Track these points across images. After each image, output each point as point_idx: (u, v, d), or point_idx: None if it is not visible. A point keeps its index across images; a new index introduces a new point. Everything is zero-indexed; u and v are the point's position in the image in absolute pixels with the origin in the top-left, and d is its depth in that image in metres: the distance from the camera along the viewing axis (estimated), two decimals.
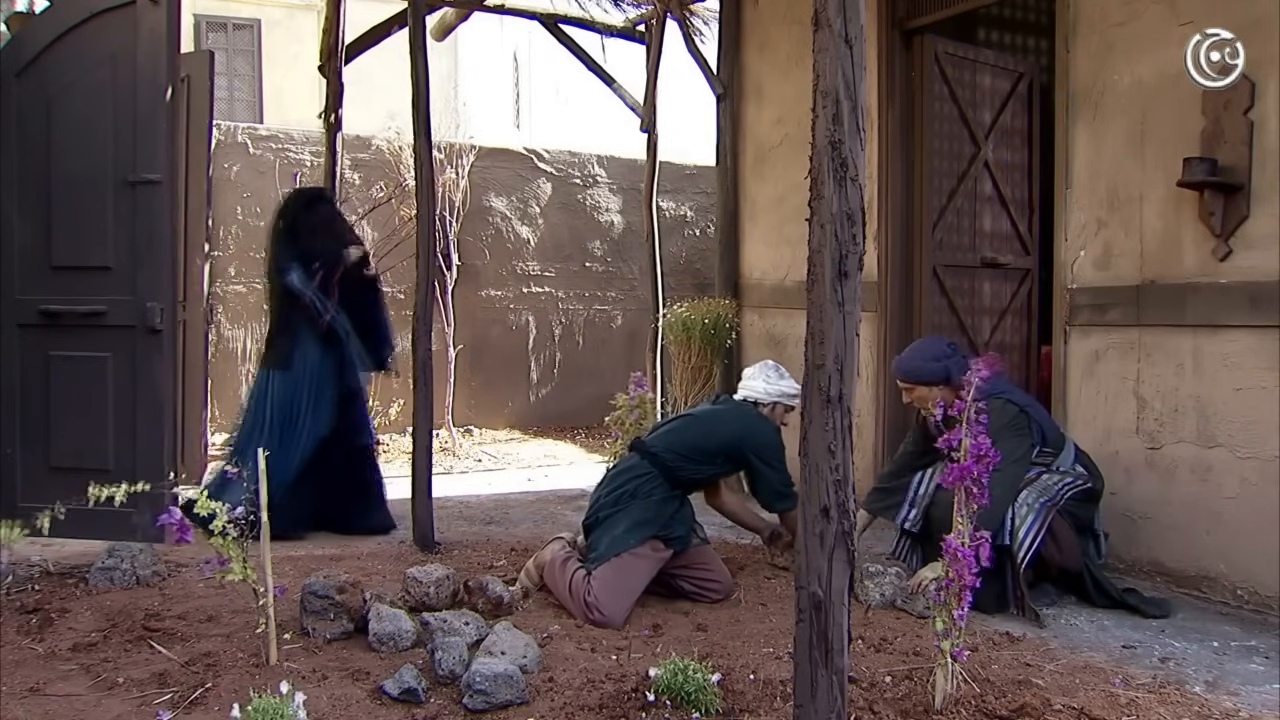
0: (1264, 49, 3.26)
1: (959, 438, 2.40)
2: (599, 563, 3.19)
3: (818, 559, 1.93)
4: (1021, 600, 3.26)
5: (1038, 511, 3.25)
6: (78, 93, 3.70)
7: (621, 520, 3.27)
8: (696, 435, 3.51)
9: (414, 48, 4.19)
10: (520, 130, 13.30)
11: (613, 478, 3.47)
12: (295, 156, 7.10)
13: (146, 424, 3.64)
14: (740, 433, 3.52)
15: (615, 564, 3.18)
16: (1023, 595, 3.25)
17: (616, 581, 3.15)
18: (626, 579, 3.18)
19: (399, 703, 2.44)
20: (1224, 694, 2.61)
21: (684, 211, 8.49)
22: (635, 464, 3.44)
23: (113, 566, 3.44)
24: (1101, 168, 3.84)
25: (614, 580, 3.15)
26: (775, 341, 5.60)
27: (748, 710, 2.42)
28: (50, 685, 2.56)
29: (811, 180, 1.95)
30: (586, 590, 3.12)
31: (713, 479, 3.68)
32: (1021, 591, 3.25)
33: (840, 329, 1.93)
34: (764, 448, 3.50)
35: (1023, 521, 3.24)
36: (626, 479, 3.39)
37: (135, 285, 3.64)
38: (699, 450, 3.46)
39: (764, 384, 3.64)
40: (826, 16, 1.92)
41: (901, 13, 4.83)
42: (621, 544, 3.21)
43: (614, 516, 3.29)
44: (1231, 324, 3.40)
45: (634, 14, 6.49)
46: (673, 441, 3.47)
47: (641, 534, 3.23)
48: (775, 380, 3.64)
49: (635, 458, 3.48)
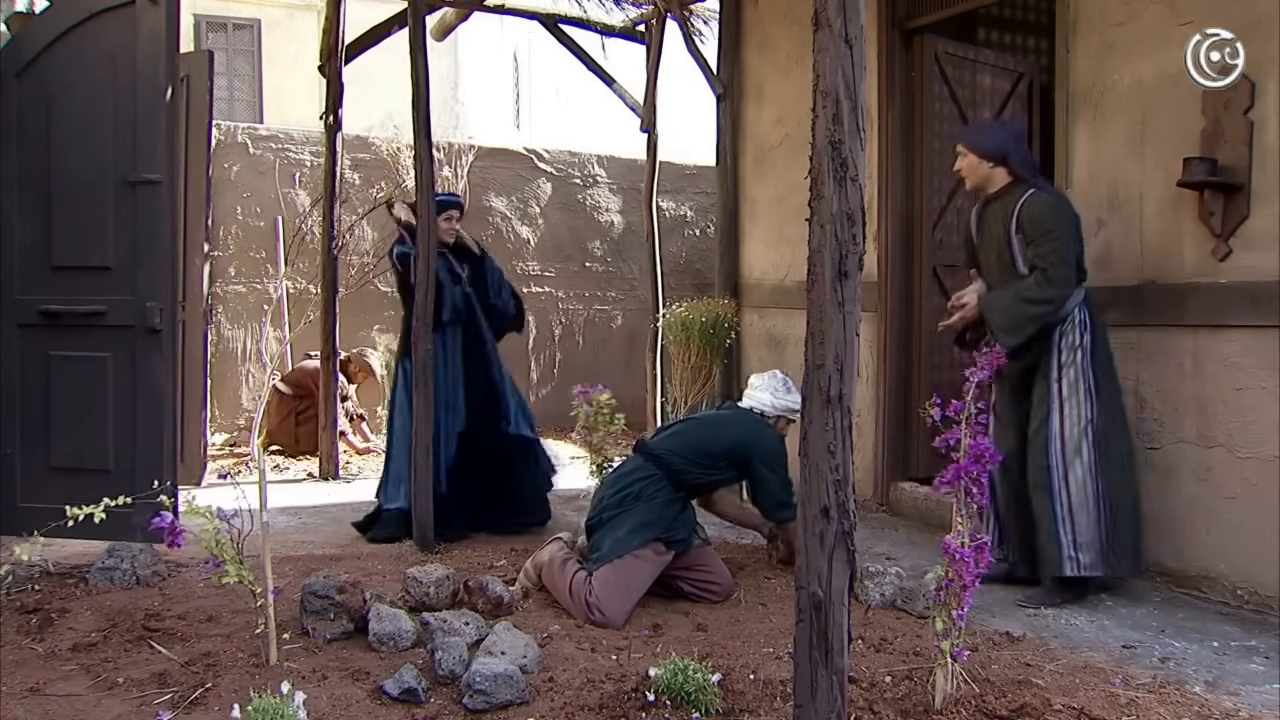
0: (1264, 49, 3.26)
1: (957, 437, 2.40)
2: (601, 563, 3.19)
3: (818, 559, 1.93)
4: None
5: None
6: (77, 93, 3.70)
7: (625, 521, 3.27)
8: (701, 439, 3.52)
9: (414, 48, 4.19)
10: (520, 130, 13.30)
11: (616, 479, 3.47)
12: (295, 156, 7.11)
13: (146, 424, 3.64)
14: (746, 438, 3.52)
15: (618, 565, 3.18)
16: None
17: (619, 582, 3.16)
18: (628, 580, 3.18)
19: (399, 703, 2.44)
20: (1224, 694, 2.61)
21: (684, 211, 8.49)
22: (639, 466, 3.44)
23: (113, 566, 3.44)
24: (1101, 167, 3.84)
25: (616, 581, 3.15)
26: (775, 341, 5.60)
27: (748, 710, 2.42)
28: (50, 685, 2.56)
29: (811, 180, 1.95)
30: (588, 591, 3.12)
31: (716, 484, 3.67)
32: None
33: (840, 329, 1.93)
34: (769, 454, 3.50)
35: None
36: (630, 481, 3.39)
37: (135, 285, 3.64)
38: (704, 454, 3.46)
39: (770, 396, 3.64)
40: (826, 16, 1.92)
41: (901, 13, 4.83)
42: (625, 545, 3.21)
43: (618, 518, 3.29)
44: (1231, 324, 3.40)
45: (634, 14, 6.49)
46: (678, 445, 3.48)
47: (645, 536, 3.24)
48: (783, 394, 3.64)
49: (639, 459, 3.48)
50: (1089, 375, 3.38)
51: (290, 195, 7.00)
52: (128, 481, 3.44)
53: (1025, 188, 3.43)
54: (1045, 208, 3.37)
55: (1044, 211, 3.36)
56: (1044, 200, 3.39)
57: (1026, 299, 3.33)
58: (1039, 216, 3.36)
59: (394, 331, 7.20)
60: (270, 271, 6.95)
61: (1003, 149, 3.47)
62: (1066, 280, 3.32)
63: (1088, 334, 3.41)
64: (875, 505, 4.89)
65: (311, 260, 6.58)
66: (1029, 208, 3.38)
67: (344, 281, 6.21)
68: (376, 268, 6.95)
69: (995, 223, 3.51)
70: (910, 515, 4.73)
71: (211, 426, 6.53)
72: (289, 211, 6.96)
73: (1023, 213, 3.39)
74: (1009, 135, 3.59)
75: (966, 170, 3.56)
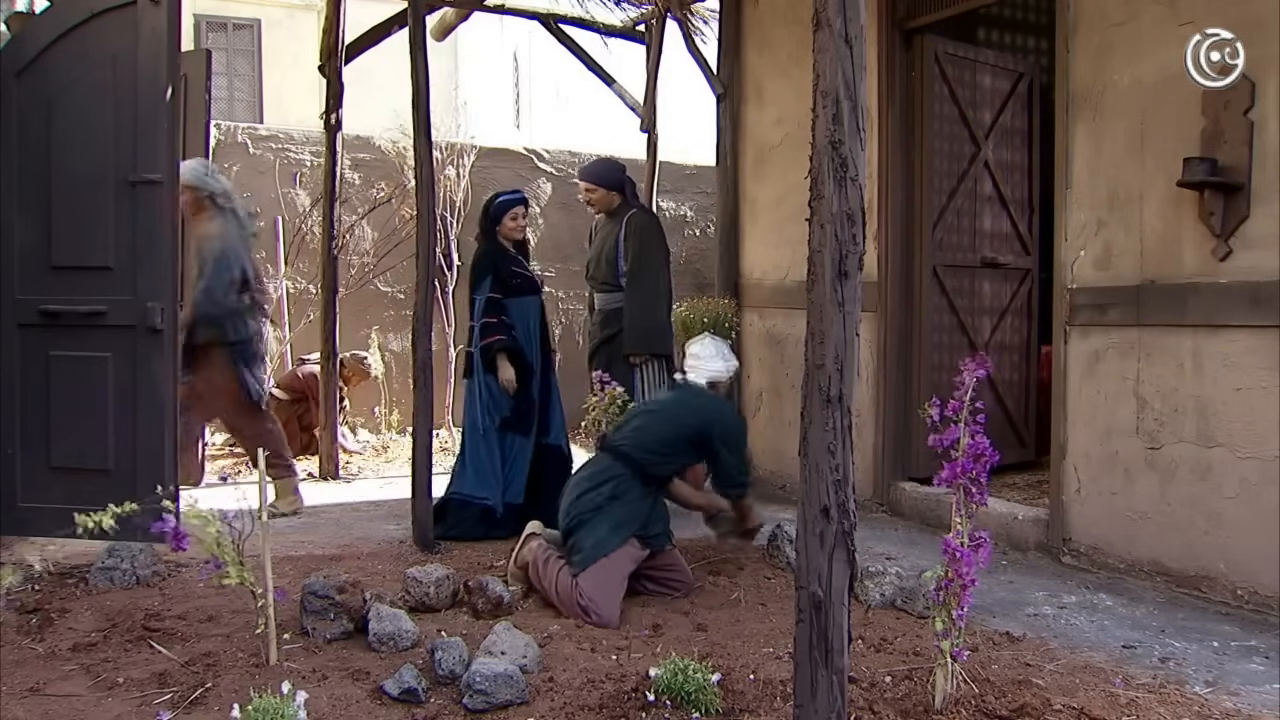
0: (1264, 49, 3.25)
1: (953, 436, 2.39)
2: (586, 564, 3.21)
3: (818, 559, 1.93)
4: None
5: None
6: (78, 93, 3.69)
7: (603, 522, 3.29)
8: (663, 428, 3.53)
9: (414, 48, 4.19)
10: (520, 130, 13.30)
11: (588, 478, 3.47)
12: (295, 156, 7.10)
13: (147, 424, 3.64)
14: (708, 421, 3.56)
15: (603, 564, 3.21)
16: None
17: (607, 581, 3.18)
18: (614, 577, 3.22)
19: (399, 703, 2.44)
20: (1224, 694, 2.61)
21: (684, 211, 8.48)
22: (609, 465, 3.46)
23: (113, 566, 3.44)
24: (1101, 167, 3.84)
25: (604, 580, 3.18)
26: (775, 341, 5.60)
27: (748, 710, 2.42)
28: (50, 685, 2.56)
29: (811, 180, 1.95)
30: (579, 594, 3.14)
31: (680, 470, 3.69)
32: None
33: (840, 329, 1.93)
34: (729, 435, 3.57)
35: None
36: (602, 479, 3.40)
37: (135, 285, 3.64)
38: (667, 443, 3.49)
39: (723, 362, 3.74)
40: (826, 16, 1.92)
41: (901, 13, 4.83)
42: (607, 544, 3.24)
43: (595, 519, 3.31)
44: (1231, 324, 3.40)
45: (634, 14, 6.49)
46: (642, 439, 3.50)
47: (624, 534, 3.28)
48: (730, 357, 3.77)
49: (607, 458, 3.49)
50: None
51: (290, 195, 7.00)
52: (129, 481, 3.44)
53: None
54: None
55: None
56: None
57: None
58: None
59: (394, 331, 7.22)
60: (270, 271, 6.94)
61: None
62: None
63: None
64: (875, 505, 4.89)
65: (311, 260, 6.58)
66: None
67: (344, 281, 6.21)
68: (376, 268, 6.95)
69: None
70: (910, 515, 4.73)
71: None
72: (289, 211, 6.95)
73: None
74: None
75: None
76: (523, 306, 4.43)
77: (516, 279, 4.43)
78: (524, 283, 4.46)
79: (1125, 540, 3.74)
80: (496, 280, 4.36)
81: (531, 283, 4.51)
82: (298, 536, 4.32)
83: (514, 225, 4.47)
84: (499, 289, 4.36)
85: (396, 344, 7.18)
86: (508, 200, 4.50)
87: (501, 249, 4.48)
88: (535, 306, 4.48)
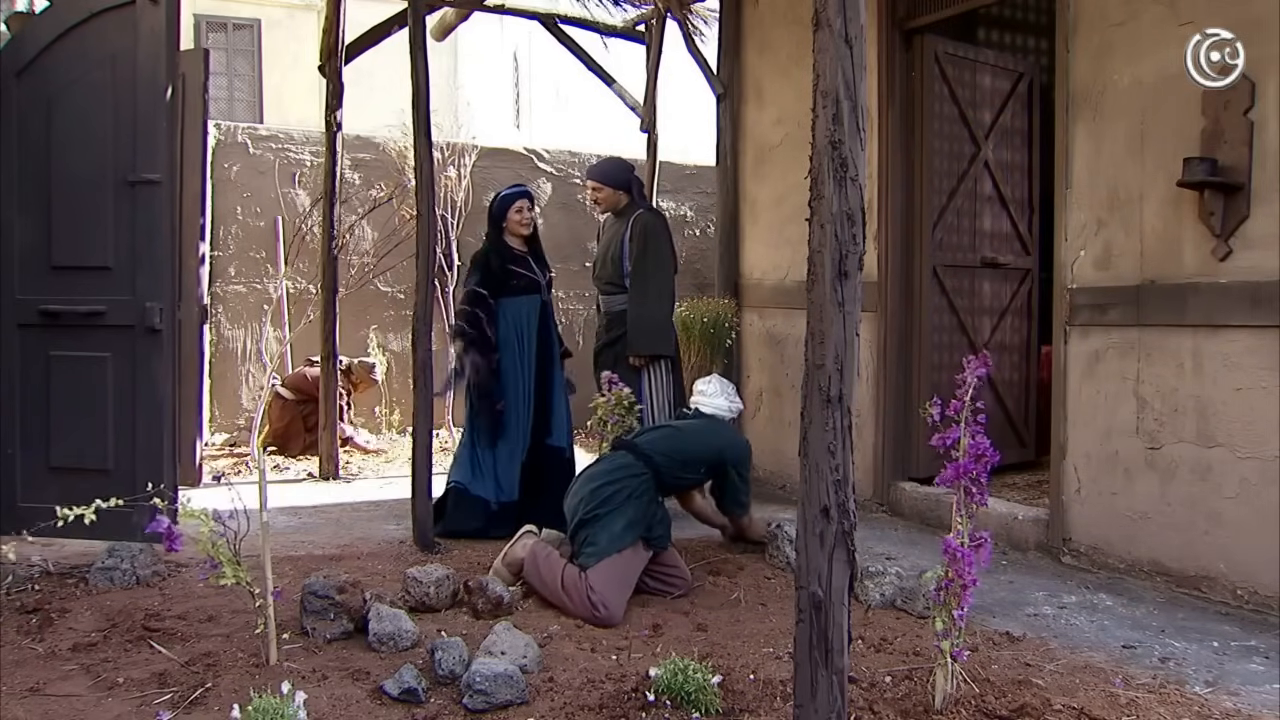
0: (1264, 49, 3.25)
1: (954, 436, 2.40)
2: (599, 558, 3.20)
3: (818, 559, 1.93)
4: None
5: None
6: (78, 93, 3.70)
7: (619, 518, 3.28)
8: (688, 446, 3.70)
9: (414, 48, 4.19)
10: (520, 130, 13.29)
11: (606, 472, 3.46)
12: (295, 156, 7.10)
13: (146, 424, 3.65)
14: (725, 446, 3.81)
15: (616, 560, 3.20)
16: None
17: (619, 578, 3.19)
18: (626, 575, 3.22)
19: (399, 703, 2.44)
20: (1224, 694, 2.61)
21: (684, 211, 8.48)
22: (630, 463, 3.46)
23: (113, 566, 3.44)
24: (1101, 167, 3.84)
25: (617, 577, 3.18)
26: (775, 341, 5.60)
27: (748, 710, 2.42)
28: (50, 685, 2.56)
29: (811, 180, 1.95)
30: (589, 589, 3.13)
31: (691, 485, 3.92)
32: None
33: (840, 329, 1.93)
34: (741, 461, 3.85)
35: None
36: (623, 475, 3.40)
37: (135, 285, 3.64)
38: (689, 458, 3.67)
39: (727, 401, 3.97)
40: (826, 16, 1.92)
41: (901, 13, 4.83)
42: (621, 540, 3.24)
43: (612, 514, 3.30)
44: (1231, 324, 3.40)
45: (634, 14, 6.49)
46: (667, 447, 3.61)
47: (635, 533, 3.28)
48: (734, 396, 4.03)
49: (629, 457, 3.50)
50: None
51: (290, 195, 7.00)
52: (128, 481, 3.44)
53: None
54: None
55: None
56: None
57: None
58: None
59: (394, 331, 7.22)
60: (270, 271, 6.95)
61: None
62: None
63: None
64: (875, 505, 4.89)
65: (311, 260, 6.57)
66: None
67: (344, 281, 6.20)
68: (376, 268, 6.95)
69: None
70: (910, 515, 4.73)
71: (211, 426, 6.53)
72: (289, 211, 6.95)
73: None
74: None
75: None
76: (517, 306, 4.40)
77: (515, 278, 4.41)
78: (523, 282, 4.43)
79: (1125, 540, 3.74)
80: (487, 276, 4.35)
81: (533, 283, 4.47)
82: (298, 536, 4.32)
83: (519, 219, 4.43)
84: (489, 285, 4.34)
85: (396, 344, 7.18)
86: (510, 195, 4.48)
87: (502, 247, 4.45)
88: (533, 306, 4.44)
